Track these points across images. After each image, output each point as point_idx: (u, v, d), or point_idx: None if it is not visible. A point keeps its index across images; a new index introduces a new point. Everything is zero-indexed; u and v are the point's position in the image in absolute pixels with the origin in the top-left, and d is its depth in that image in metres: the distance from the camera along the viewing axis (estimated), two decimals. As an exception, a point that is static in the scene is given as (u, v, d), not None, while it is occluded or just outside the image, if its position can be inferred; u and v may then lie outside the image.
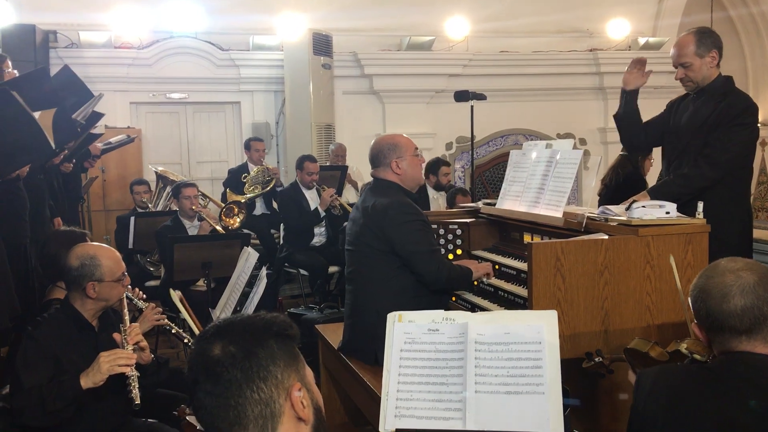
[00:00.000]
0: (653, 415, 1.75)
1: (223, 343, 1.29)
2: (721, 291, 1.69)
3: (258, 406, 1.26)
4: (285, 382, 1.29)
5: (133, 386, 2.49)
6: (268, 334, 1.32)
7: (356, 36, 8.33)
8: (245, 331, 1.31)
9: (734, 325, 1.68)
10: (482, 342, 2.05)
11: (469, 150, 8.71)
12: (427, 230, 3.17)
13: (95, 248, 2.76)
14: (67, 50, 7.45)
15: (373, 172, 3.29)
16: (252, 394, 1.26)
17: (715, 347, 1.79)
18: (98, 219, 7.29)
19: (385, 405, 2.04)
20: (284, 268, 6.30)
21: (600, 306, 2.69)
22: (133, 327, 2.66)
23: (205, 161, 8.40)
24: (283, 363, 1.30)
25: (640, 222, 2.75)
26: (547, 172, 3.27)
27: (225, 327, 1.33)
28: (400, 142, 3.24)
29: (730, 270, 1.72)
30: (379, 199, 3.11)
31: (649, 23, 9.52)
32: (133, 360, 2.51)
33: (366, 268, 3.12)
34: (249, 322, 1.34)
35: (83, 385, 2.45)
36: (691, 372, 1.79)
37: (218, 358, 1.27)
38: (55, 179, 4.16)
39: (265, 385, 1.26)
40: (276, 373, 1.28)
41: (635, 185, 5.64)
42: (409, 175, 3.22)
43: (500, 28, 8.73)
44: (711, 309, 1.71)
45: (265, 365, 1.28)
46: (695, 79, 3.38)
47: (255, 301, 3.20)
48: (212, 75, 8.04)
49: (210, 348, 1.29)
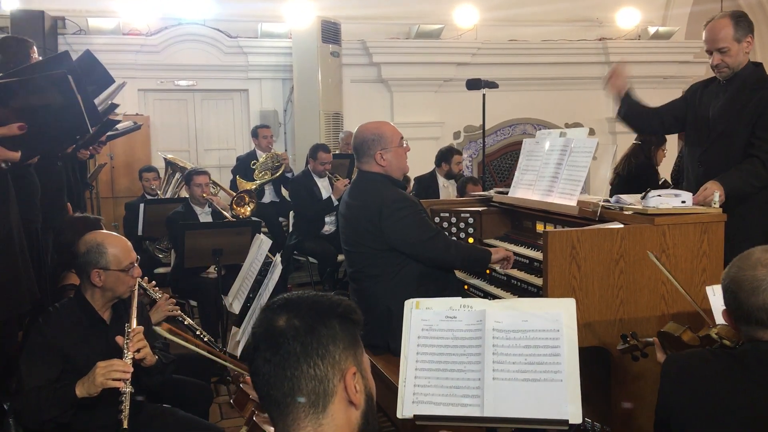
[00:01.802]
0: (679, 399, 1.77)
1: (289, 316, 1.31)
2: (751, 284, 1.71)
3: (312, 382, 1.28)
4: (342, 363, 1.31)
5: (124, 406, 2.37)
6: (332, 314, 1.34)
7: (365, 24, 8.29)
8: (311, 307, 1.34)
9: (761, 318, 1.70)
10: (500, 329, 2.06)
11: (476, 139, 8.72)
12: (423, 216, 3.10)
13: (104, 236, 2.72)
14: (76, 36, 7.45)
15: (358, 165, 3.18)
16: (308, 369, 1.28)
17: (743, 335, 1.81)
18: (107, 206, 7.30)
19: (402, 391, 2.05)
20: (293, 255, 6.31)
21: (615, 295, 2.69)
22: (137, 330, 2.54)
23: (213, 149, 8.41)
24: (342, 345, 1.32)
25: (656, 211, 2.75)
26: (561, 161, 3.26)
27: (293, 301, 1.36)
28: (385, 132, 3.10)
29: (762, 263, 1.72)
30: (369, 197, 3.05)
31: (659, 12, 9.45)
32: (128, 374, 2.40)
33: (369, 267, 3.08)
34: (316, 299, 1.37)
35: (78, 393, 2.38)
36: (717, 358, 1.80)
37: (282, 329, 1.30)
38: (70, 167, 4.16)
39: (322, 362, 1.29)
40: (334, 353, 1.30)
41: (648, 175, 5.64)
42: (395, 166, 3.12)
43: (509, 16, 8.68)
44: (740, 300, 1.73)
45: (324, 344, 1.30)
46: (732, 65, 3.26)
47: (270, 288, 3.20)
48: (220, 62, 8.02)
49: (275, 318, 1.32)
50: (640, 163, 5.63)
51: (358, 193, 3.14)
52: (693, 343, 2.11)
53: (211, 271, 4.97)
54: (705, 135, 3.40)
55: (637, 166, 5.62)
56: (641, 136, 5.89)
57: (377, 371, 2.92)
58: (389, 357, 2.99)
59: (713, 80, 3.46)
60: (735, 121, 3.28)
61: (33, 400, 2.40)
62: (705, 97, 3.46)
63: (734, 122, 3.28)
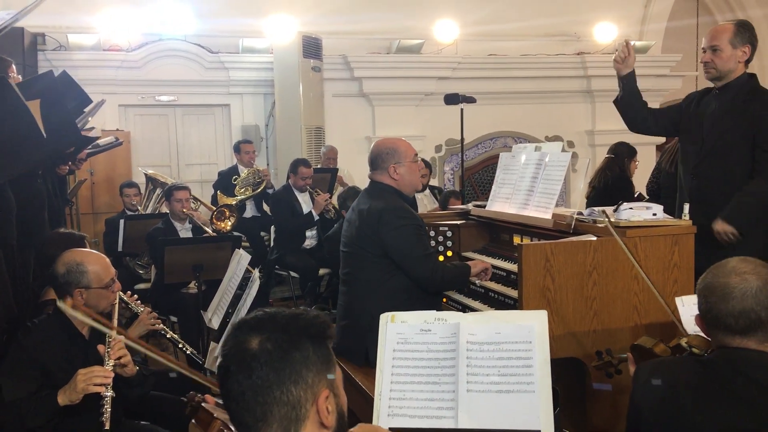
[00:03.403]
0: (649, 406, 1.81)
1: (261, 339, 1.30)
2: (723, 291, 1.75)
3: (285, 408, 1.27)
4: (315, 387, 1.30)
5: (105, 408, 2.40)
6: (306, 335, 1.33)
7: (346, 39, 8.35)
8: (284, 329, 1.32)
9: (730, 324, 1.74)
10: (474, 342, 2.08)
11: (458, 152, 8.77)
12: (422, 234, 3.19)
13: (82, 254, 2.72)
14: (56, 53, 7.43)
15: (371, 175, 3.30)
16: (281, 395, 1.27)
17: (713, 341, 1.86)
18: (87, 222, 7.26)
19: (378, 404, 2.06)
20: (275, 270, 6.31)
21: (589, 306, 2.73)
22: (118, 340, 2.55)
23: (194, 164, 8.39)
24: (315, 368, 1.31)
25: (628, 223, 2.80)
26: (536, 175, 3.31)
27: (266, 320, 1.34)
28: (400, 147, 3.25)
29: (737, 272, 1.77)
30: (375, 202, 3.14)
31: (636, 27, 9.61)
32: (109, 379, 2.42)
33: (360, 270, 3.14)
34: (289, 319, 1.34)
35: (60, 402, 2.39)
36: (686, 365, 1.85)
37: (254, 353, 1.28)
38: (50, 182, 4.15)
39: (295, 388, 1.28)
40: (307, 377, 1.30)
41: (623, 187, 5.72)
42: (407, 181, 3.24)
43: (489, 31, 8.79)
44: (711, 305, 1.77)
45: (298, 369, 1.29)
46: (719, 67, 3.29)
47: (248, 303, 3.21)
48: (201, 77, 8.03)
49: (247, 340, 1.30)
50: (615, 175, 5.73)
51: (366, 200, 3.23)
52: (665, 355, 2.15)
53: (192, 287, 4.95)
54: (699, 146, 3.41)
55: (613, 178, 5.71)
56: (613, 149, 5.99)
57: (356, 384, 2.93)
58: (368, 370, 3.01)
59: (709, 90, 3.48)
60: (729, 133, 3.30)
61: (14, 410, 2.41)
62: (700, 107, 3.47)
63: (728, 134, 3.30)
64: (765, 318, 1.72)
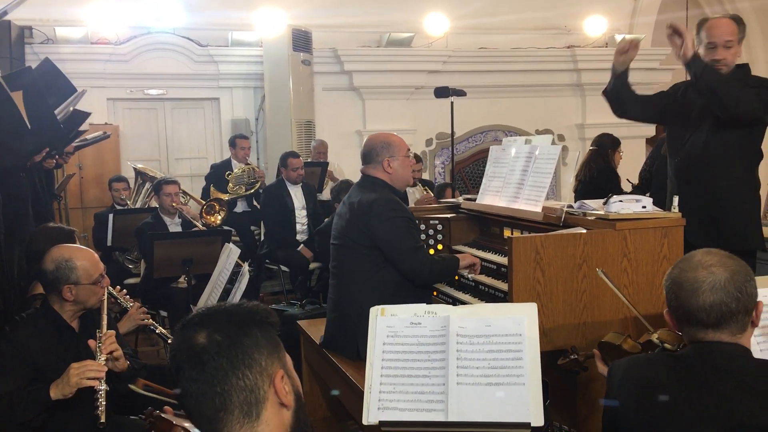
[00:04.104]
0: (625, 405, 1.80)
1: (208, 332, 1.31)
2: (692, 286, 1.74)
3: (243, 393, 1.28)
4: (269, 369, 1.32)
5: (100, 402, 2.41)
6: (251, 322, 1.35)
7: (336, 32, 8.32)
8: (230, 319, 1.34)
9: (702, 318, 1.73)
10: (464, 335, 2.09)
11: (448, 146, 8.78)
12: (412, 227, 3.19)
13: (71, 250, 2.70)
14: (43, 46, 7.36)
15: (363, 169, 3.30)
16: (238, 381, 1.28)
17: (685, 336, 1.85)
18: (76, 217, 7.21)
19: (368, 398, 2.07)
20: (265, 264, 6.29)
21: (579, 299, 2.74)
22: (109, 335, 2.57)
23: (184, 158, 8.35)
24: (266, 351, 1.33)
25: (617, 216, 2.80)
26: (526, 168, 3.31)
27: (209, 315, 1.36)
28: (394, 142, 3.26)
29: (703, 265, 1.76)
30: (366, 194, 3.14)
31: (626, 21, 9.62)
32: (102, 373, 2.43)
33: (350, 262, 3.14)
34: (233, 310, 1.37)
35: (53, 395, 2.39)
36: (661, 361, 1.84)
37: (204, 346, 1.29)
38: (37, 177, 4.11)
39: (250, 372, 1.29)
40: (260, 360, 1.31)
41: (609, 179, 5.76)
42: (399, 175, 3.25)
43: (479, 24, 8.77)
44: (681, 301, 1.76)
45: (249, 353, 1.30)
46: (730, 63, 3.24)
47: (237, 298, 3.20)
48: (191, 71, 7.98)
49: (195, 336, 1.31)
50: (601, 168, 5.75)
51: (358, 192, 3.23)
52: (634, 351, 2.15)
53: (182, 281, 4.94)
54: (688, 129, 3.38)
55: (599, 171, 5.74)
56: (596, 141, 6.02)
57: (346, 378, 2.93)
58: (359, 364, 3.00)
59: None
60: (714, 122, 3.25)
61: (5, 404, 2.40)
62: (688, 96, 3.44)
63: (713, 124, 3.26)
64: (735, 309, 1.72)
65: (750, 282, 1.76)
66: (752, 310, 1.76)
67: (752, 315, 1.76)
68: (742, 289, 1.73)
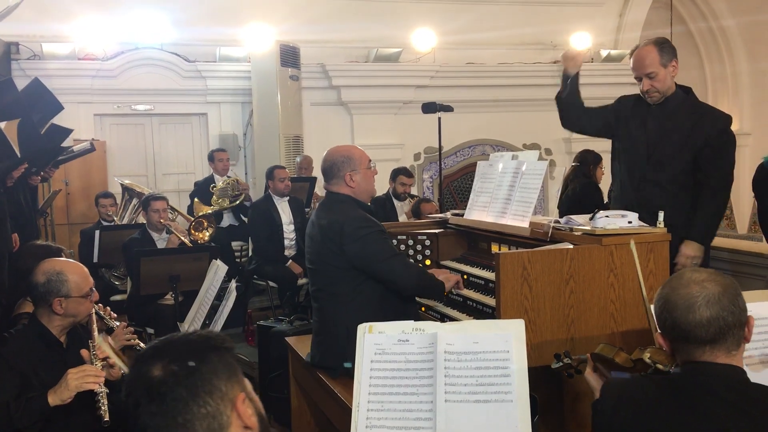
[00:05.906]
0: (619, 429, 1.78)
1: (164, 363, 1.29)
2: (686, 302, 1.72)
3: (206, 420, 1.27)
4: (229, 393, 1.31)
5: (102, 403, 2.46)
6: (207, 348, 1.34)
7: (324, 48, 8.36)
8: (185, 348, 1.33)
9: (700, 335, 1.71)
10: (452, 352, 2.08)
11: (436, 160, 8.81)
12: (385, 237, 3.12)
13: (62, 264, 2.73)
14: (30, 62, 7.34)
15: (326, 186, 3.21)
16: (199, 409, 1.27)
17: (678, 357, 1.82)
18: (62, 233, 7.15)
19: (356, 416, 2.05)
20: (253, 280, 6.26)
21: (566, 314, 2.74)
22: (101, 342, 2.64)
23: (172, 173, 8.32)
24: (225, 376, 1.32)
25: (604, 231, 2.81)
26: (513, 183, 3.32)
27: (163, 347, 1.34)
28: (354, 155, 3.15)
29: (694, 281, 1.75)
30: (333, 216, 3.07)
31: (611, 36, 9.74)
32: (101, 377, 2.48)
33: (330, 286, 3.09)
34: (186, 339, 1.36)
35: (51, 402, 2.41)
36: (655, 384, 1.80)
37: (161, 378, 1.28)
38: (21, 193, 4.08)
39: (211, 398, 1.28)
40: (220, 386, 1.30)
41: (591, 194, 5.80)
42: (363, 188, 3.16)
43: (466, 40, 8.85)
44: (677, 320, 1.73)
45: (209, 379, 1.29)
46: (661, 89, 3.37)
47: (225, 314, 3.18)
48: (178, 86, 7.98)
49: (150, 369, 1.29)
50: (583, 183, 5.79)
51: (325, 213, 3.16)
52: (626, 365, 2.14)
53: (169, 298, 4.90)
54: (641, 161, 3.49)
55: (581, 186, 5.78)
56: (579, 157, 6.07)
57: (334, 395, 2.91)
58: (347, 381, 2.98)
59: (641, 98, 3.53)
60: (672, 148, 3.38)
61: (2, 412, 2.41)
62: (636, 117, 3.53)
63: (670, 149, 3.39)
64: (732, 323, 1.70)
65: (740, 296, 1.75)
66: (745, 325, 1.74)
67: (744, 330, 1.75)
68: (735, 302, 1.72)
